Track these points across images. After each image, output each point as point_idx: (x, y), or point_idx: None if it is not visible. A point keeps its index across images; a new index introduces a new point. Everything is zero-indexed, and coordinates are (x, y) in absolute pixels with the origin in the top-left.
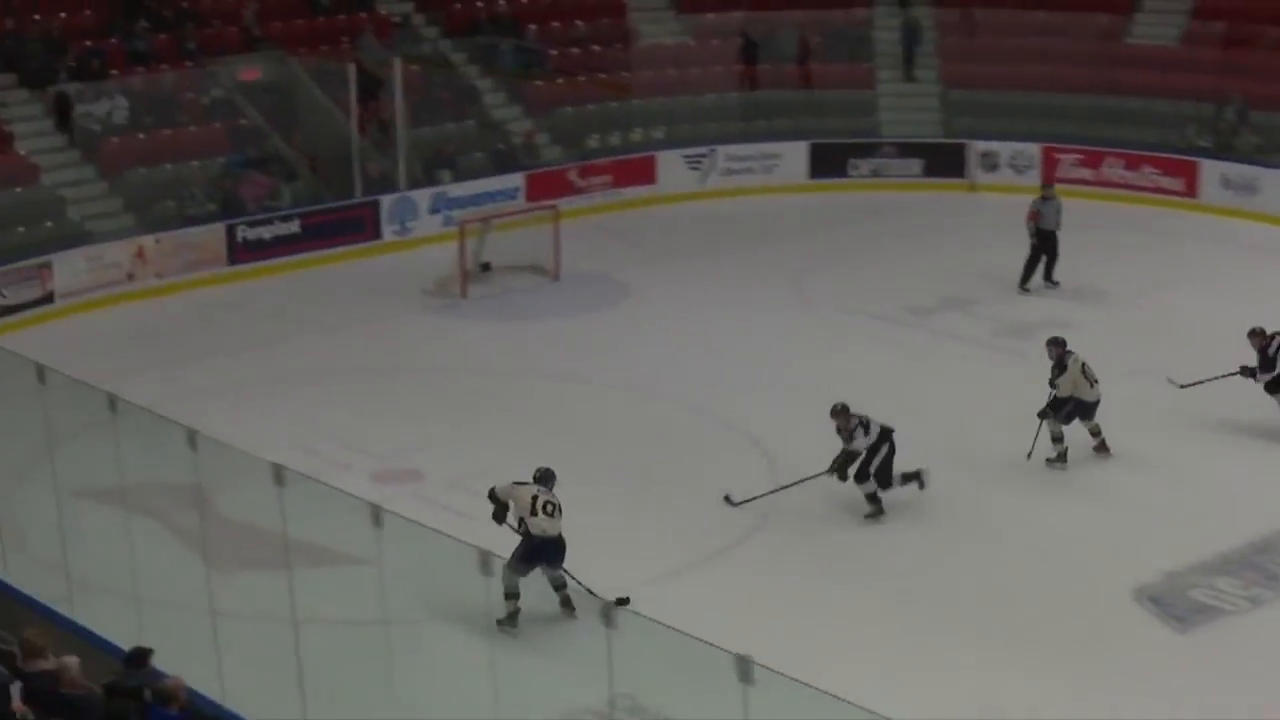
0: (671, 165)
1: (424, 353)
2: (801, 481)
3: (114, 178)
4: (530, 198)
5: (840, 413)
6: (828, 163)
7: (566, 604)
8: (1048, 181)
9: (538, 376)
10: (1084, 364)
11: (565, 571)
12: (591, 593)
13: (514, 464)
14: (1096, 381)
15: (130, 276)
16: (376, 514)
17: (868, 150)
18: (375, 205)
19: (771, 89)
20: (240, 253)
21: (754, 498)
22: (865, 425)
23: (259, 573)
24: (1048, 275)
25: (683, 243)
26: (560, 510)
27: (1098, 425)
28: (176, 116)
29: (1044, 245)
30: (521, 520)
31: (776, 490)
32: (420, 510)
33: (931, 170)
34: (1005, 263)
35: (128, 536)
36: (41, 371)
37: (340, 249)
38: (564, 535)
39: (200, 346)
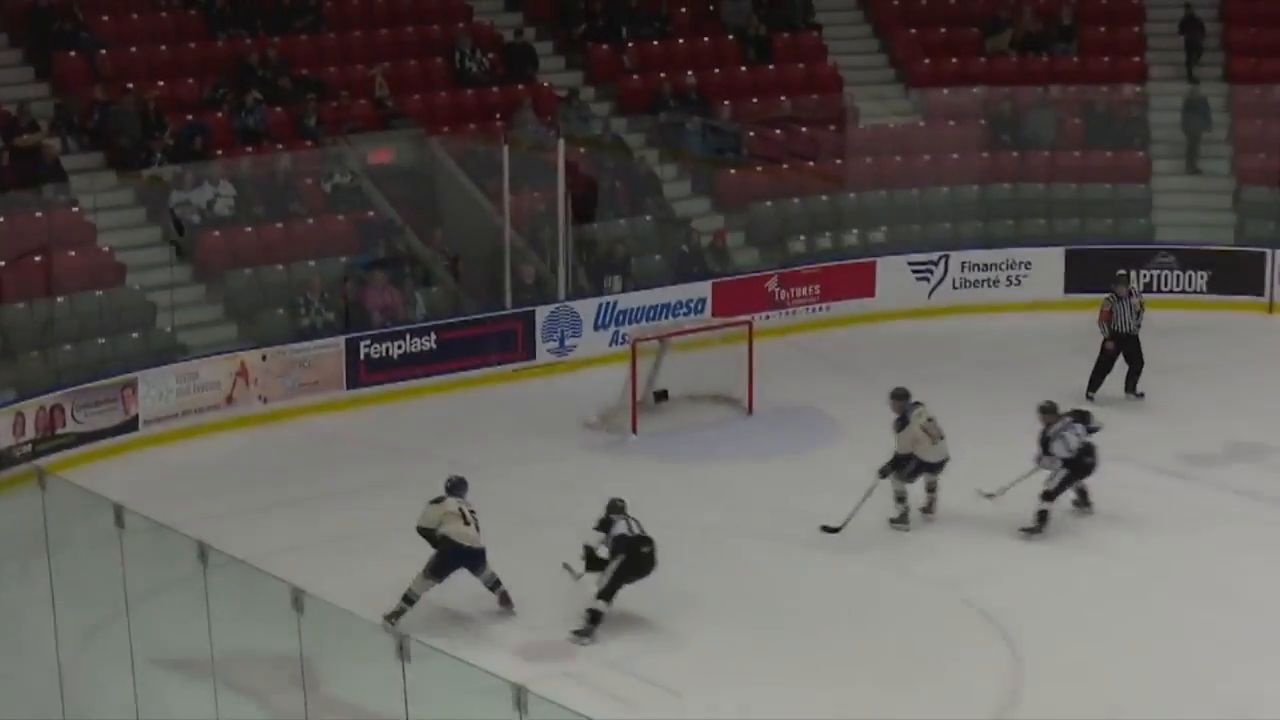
0: (894, 274)
1: (584, 500)
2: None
3: (214, 280)
4: (718, 312)
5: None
6: (1089, 274)
7: (505, 601)
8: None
9: (725, 533)
10: (929, 419)
11: None
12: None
13: (689, 640)
14: (941, 439)
15: (230, 400)
16: (520, 697)
17: (1139, 259)
18: (529, 318)
19: (1019, 182)
20: (363, 374)
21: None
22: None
23: None
24: (1130, 386)
25: (906, 369)
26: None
27: (936, 482)
28: (291, 207)
29: (1121, 349)
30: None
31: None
32: (572, 695)
33: (1220, 285)
34: None
35: (216, 716)
36: (119, 513)
37: (485, 371)
38: None
39: (312, 487)
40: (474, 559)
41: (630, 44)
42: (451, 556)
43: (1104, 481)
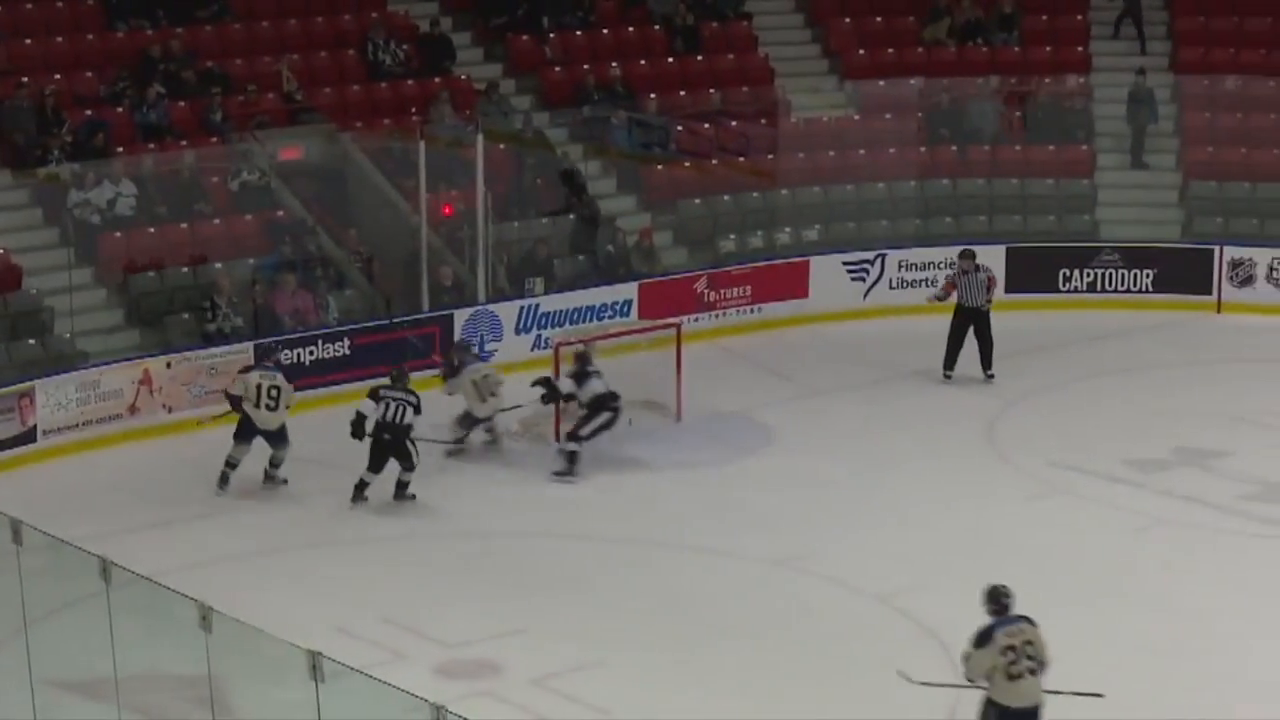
0: (828, 274)
1: (505, 512)
2: None
3: (115, 283)
4: (645, 314)
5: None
6: (1031, 273)
7: (266, 479)
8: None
9: (653, 545)
10: (486, 376)
11: None
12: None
13: (617, 657)
14: (493, 395)
15: (133, 410)
16: (440, 718)
17: (1083, 257)
18: (447, 321)
19: (959, 177)
20: None
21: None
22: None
23: None
24: (984, 365)
25: (842, 374)
26: (282, 394)
27: (492, 426)
28: (197, 206)
29: (969, 323)
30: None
31: None
32: (495, 714)
33: (1166, 284)
34: (1262, 405)
35: None
36: (17, 529)
37: None
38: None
39: (218, 501)
40: (268, 435)
41: (552, 34)
42: (248, 426)
43: (1049, 486)
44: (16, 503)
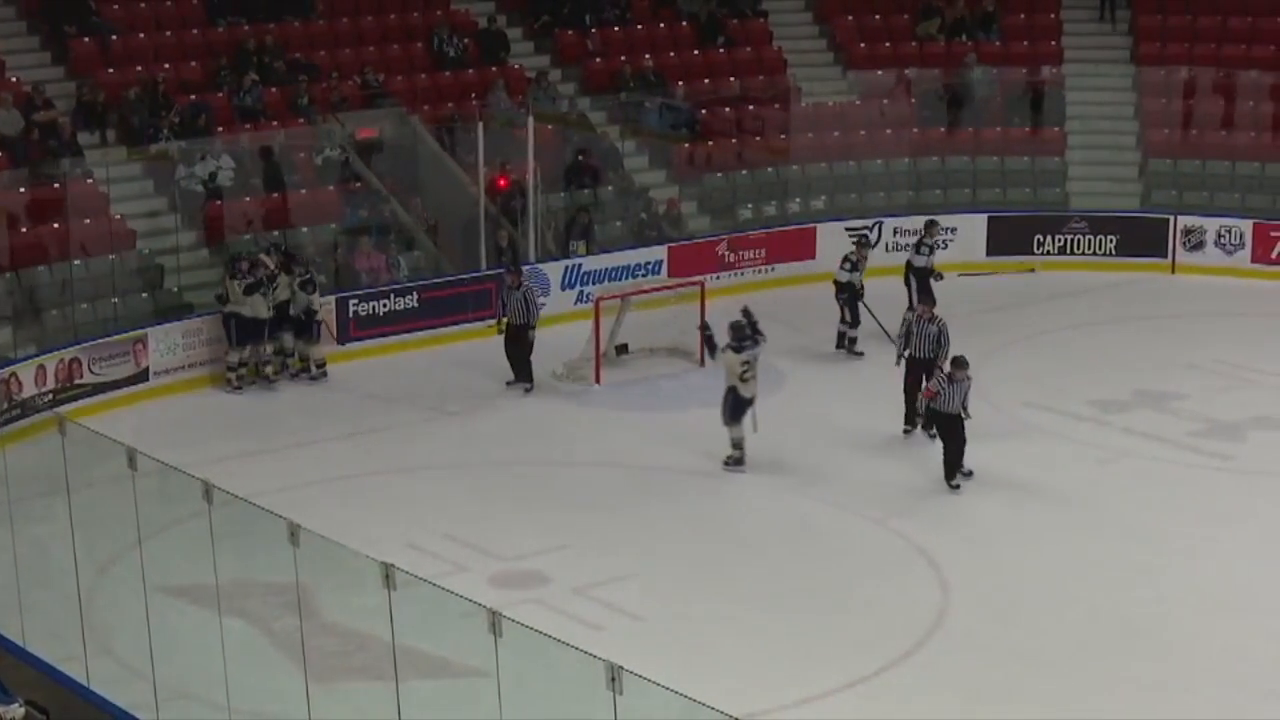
0: (832, 239)
1: (552, 444)
2: None
3: (216, 244)
4: (674, 273)
5: None
6: (1009, 238)
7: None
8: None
9: (679, 472)
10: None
11: None
12: None
13: (649, 570)
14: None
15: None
16: (495, 621)
17: (1055, 224)
18: (502, 279)
19: (946, 155)
20: (352, 329)
21: None
22: None
23: (364, 683)
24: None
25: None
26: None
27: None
28: (288, 178)
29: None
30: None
31: None
32: (543, 619)
33: (1127, 248)
34: (1210, 354)
35: (220, 640)
36: (132, 456)
37: (461, 327)
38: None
39: (305, 432)
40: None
41: (593, 30)
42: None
43: (1024, 424)
44: (131, 434)
